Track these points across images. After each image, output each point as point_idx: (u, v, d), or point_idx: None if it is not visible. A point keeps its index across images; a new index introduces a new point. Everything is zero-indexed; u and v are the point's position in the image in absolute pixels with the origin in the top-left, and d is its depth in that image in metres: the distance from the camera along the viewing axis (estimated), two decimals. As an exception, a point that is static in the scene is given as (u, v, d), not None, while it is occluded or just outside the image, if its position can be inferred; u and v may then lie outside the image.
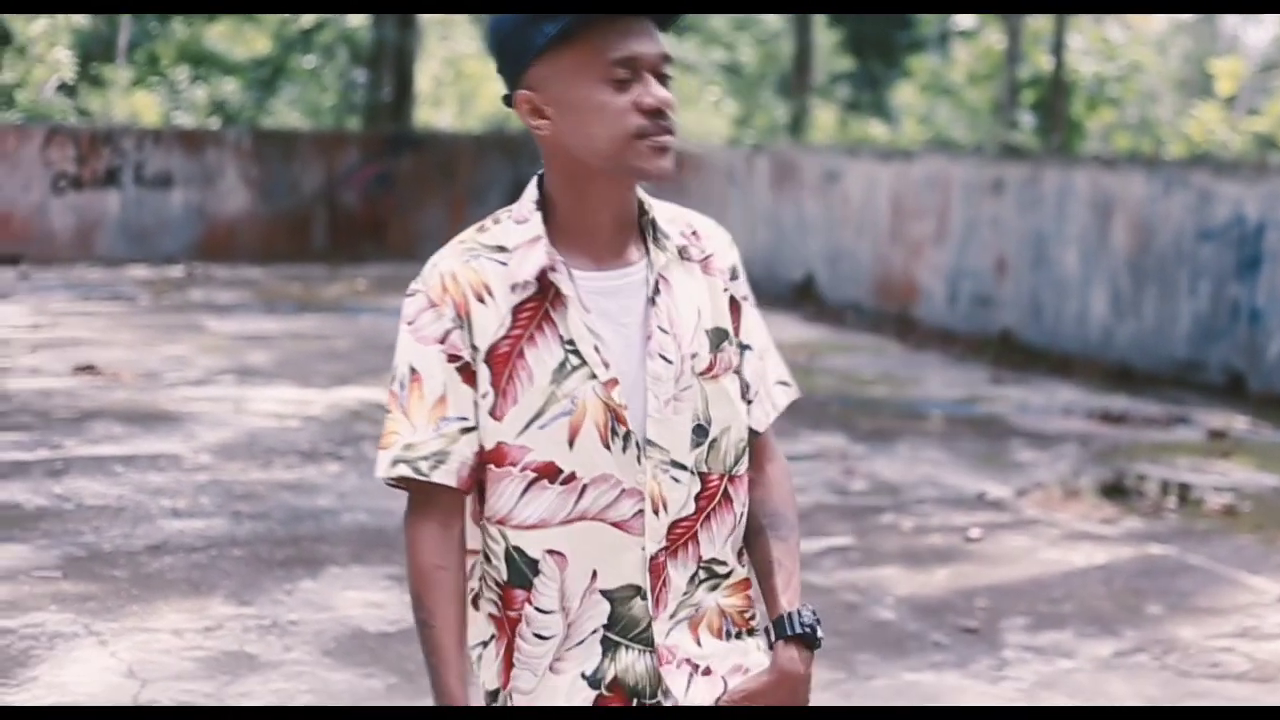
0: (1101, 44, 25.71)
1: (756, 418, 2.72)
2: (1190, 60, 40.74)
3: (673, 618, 2.61)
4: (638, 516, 2.56)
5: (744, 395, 2.70)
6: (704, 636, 2.64)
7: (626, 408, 2.54)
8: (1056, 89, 22.54)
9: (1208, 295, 13.31)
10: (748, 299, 2.73)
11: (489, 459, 2.58)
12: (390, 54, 26.20)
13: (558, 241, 2.59)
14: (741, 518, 2.70)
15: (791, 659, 2.62)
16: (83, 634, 6.35)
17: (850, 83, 33.20)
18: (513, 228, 2.60)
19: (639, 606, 2.58)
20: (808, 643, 2.63)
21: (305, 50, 29.11)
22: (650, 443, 2.56)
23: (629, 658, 2.59)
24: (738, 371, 2.68)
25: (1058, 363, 14.53)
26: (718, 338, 2.65)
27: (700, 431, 2.60)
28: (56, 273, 19.90)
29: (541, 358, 2.53)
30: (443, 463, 2.54)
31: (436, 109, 32.54)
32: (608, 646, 2.59)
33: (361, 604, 6.91)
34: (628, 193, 2.61)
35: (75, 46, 28.92)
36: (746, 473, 2.70)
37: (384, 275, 20.69)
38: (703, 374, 2.60)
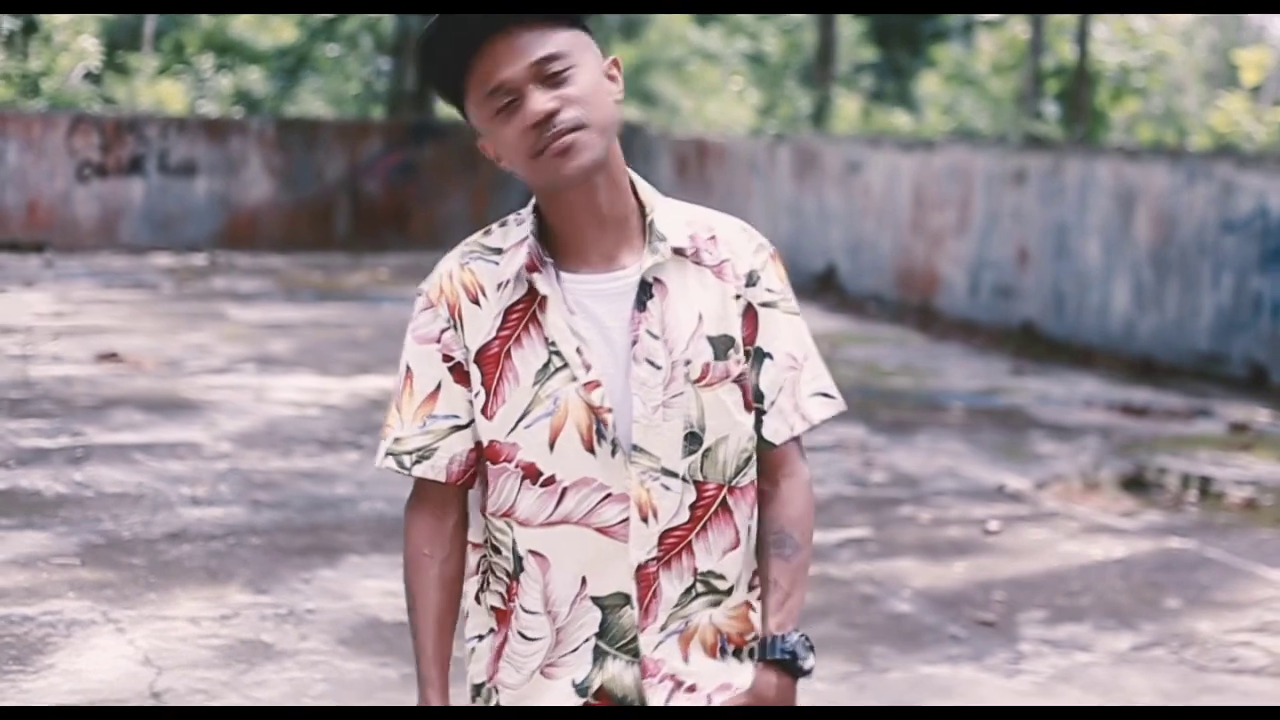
0: (1126, 34, 25.62)
1: (774, 430, 2.63)
2: (1216, 51, 40.60)
3: (663, 630, 2.58)
4: (624, 523, 2.54)
5: (757, 405, 2.62)
6: (694, 653, 2.60)
7: (610, 411, 2.53)
8: (1080, 79, 22.48)
9: (1230, 287, 13.26)
10: (775, 305, 2.64)
11: (487, 455, 2.61)
12: (414, 42, 26.21)
13: (553, 244, 2.60)
14: (748, 532, 2.64)
15: (769, 684, 2.58)
16: (100, 621, 6.37)
17: (874, 73, 33.12)
18: (513, 229, 2.62)
19: (628, 616, 2.57)
20: (789, 669, 2.57)
21: (329, 39, 29.14)
22: (637, 448, 2.54)
23: (616, 668, 2.58)
24: (738, 381, 2.60)
25: (1079, 354, 14.50)
26: (723, 345, 2.58)
27: (693, 439, 2.56)
28: (80, 260, 19.95)
29: (527, 358, 2.55)
30: (427, 458, 2.60)
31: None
32: (598, 655, 2.59)
33: (379, 593, 6.92)
34: (594, 198, 2.56)
35: (101, 35, 29.00)
36: (755, 485, 2.65)
37: (406, 264, 20.71)
38: (696, 381, 2.56)
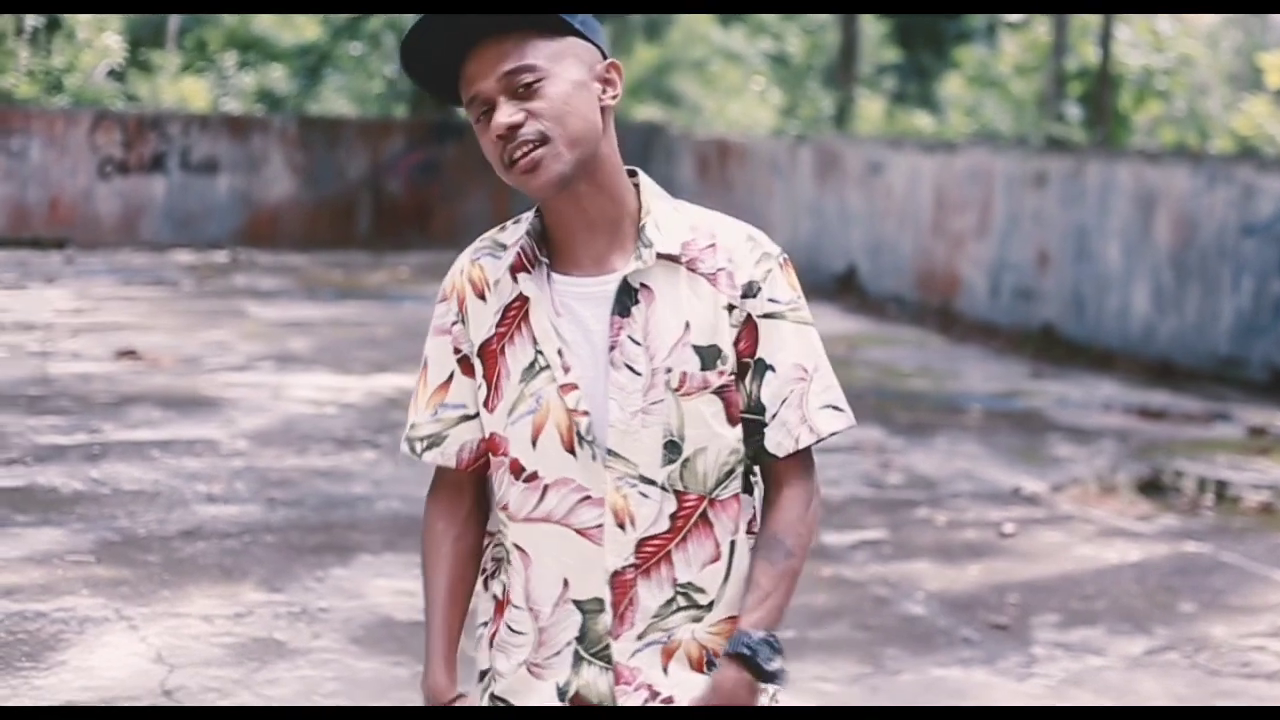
0: (1150, 36, 25.55)
1: (776, 442, 2.60)
2: (1241, 53, 40.48)
3: (640, 639, 2.57)
4: (601, 528, 2.55)
5: (757, 417, 2.60)
6: (676, 667, 2.59)
7: (586, 414, 2.54)
8: (1103, 82, 22.42)
9: (1250, 291, 13.22)
10: (781, 316, 2.60)
11: (489, 447, 2.65)
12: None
13: (550, 245, 2.62)
14: (730, 546, 2.61)
15: (725, 678, 2.54)
16: (113, 619, 6.39)
17: (897, 74, 33.08)
18: (519, 227, 2.65)
19: (603, 622, 2.57)
20: (749, 666, 2.52)
21: (352, 37, 29.17)
22: (613, 453, 2.54)
23: (591, 673, 2.58)
24: (719, 393, 2.57)
25: (1099, 357, 14.47)
26: (710, 355, 2.56)
27: (673, 448, 2.55)
28: (101, 257, 20.02)
29: (517, 356, 2.59)
30: (436, 445, 2.68)
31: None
32: (577, 660, 2.59)
33: (392, 592, 6.93)
34: (577, 205, 2.57)
35: (125, 32, 29.07)
36: (739, 498, 2.62)
37: (427, 263, 20.73)
38: (676, 390, 2.55)
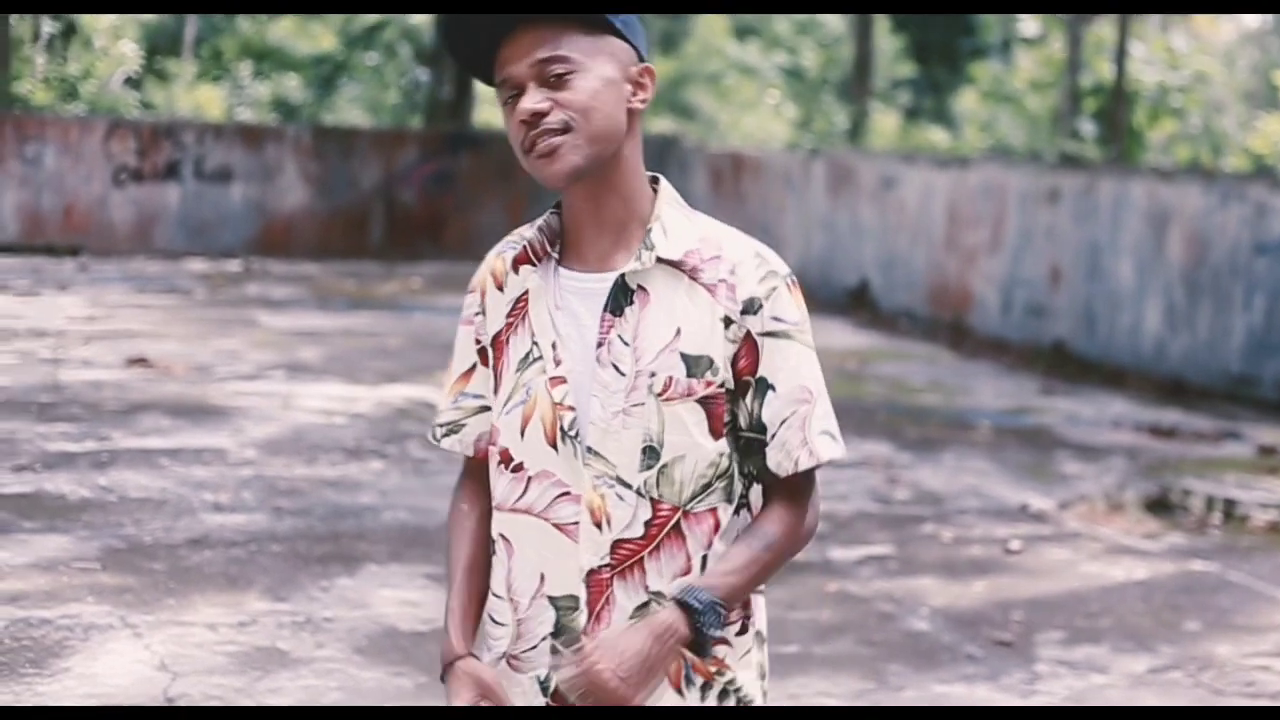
0: (1165, 53, 25.55)
1: (776, 462, 2.60)
2: (1258, 71, 40.46)
3: None
4: (577, 525, 2.57)
5: (758, 436, 2.59)
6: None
7: (571, 409, 2.57)
8: (1118, 98, 22.40)
9: (1262, 309, 13.20)
10: (786, 336, 2.59)
11: (492, 435, 2.70)
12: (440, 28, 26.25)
13: (564, 239, 2.66)
14: (702, 561, 2.59)
15: (660, 619, 2.49)
16: (118, 626, 6.40)
17: (912, 89, 33.09)
18: (539, 221, 2.71)
19: (578, 619, 2.59)
20: (690, 618, 2.49)
21: (368, 48, 29.25)
22: (593, 451, 2.56)
23: (568, 670, 2.58)
24: (704, 403, 2.56)
25: (1110, 375, 14.45)
26: (699, 364, 2.56)
27: (651, 453, 2.55)
28: (115, 265, 20.06)
29: (517, 346, 2.64)
30: (455, 433, 2.76)
31: (498, 108, 32.65)
32: (555, 655, 2.61)
33: (396, 602, 6.93)
34: (588, 201, 2.60)
35: (141, 40, 29.19)
36: (715, 512, 2.61)
37: (440, 274, 20.76)
38: (659, 395, 2.55)
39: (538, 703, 2.63)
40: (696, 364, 2.55)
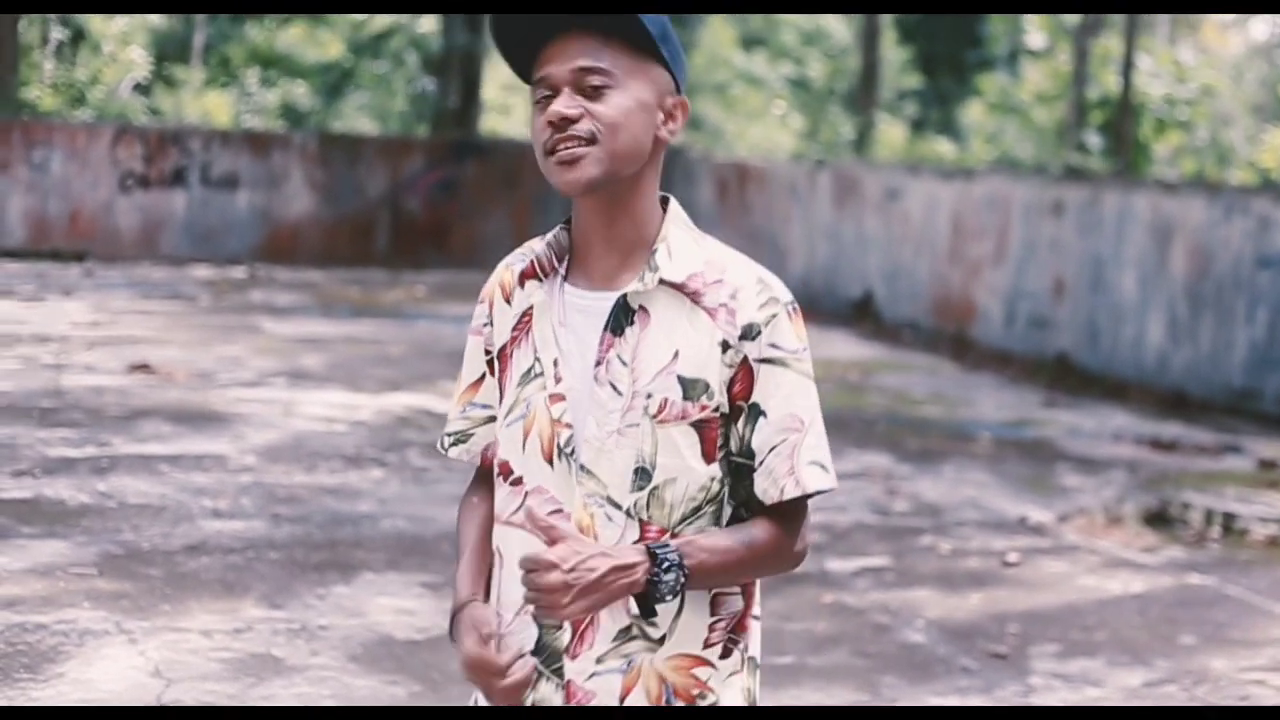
0: (1172, 66, 25.55)
1: (762, 489, 2.57)
2: (1265, 85, 40.46)
3: (599, 662, 2.56)
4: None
5: (746, 461, 2.57)
6: (635, 698, 2.56)
7: (569, 427, 2.57)
8: (1124, 111, 22.40)
9: (1265, 323, 13.20)
10: (782, 363, 2.57)
11: (496, 448, 2.72)
12: (458, 61, 26.31)
13: (572, 256, 2.66)
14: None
15: (621, 550, 2.47)
16: (113, 632, 6.41)
17: (918, 100, 33.10)
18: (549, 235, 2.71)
19: (561, 638, 2.58)
20: (652, 560, 2.46)
21: (375, 56, 29.28)
22: (585, 470, 2.55)
23: (547, 689, 2.59)
24: (697, 426, 2.55)
25: (1113, 387, 14.45)
26: (695, 388, 2.54)
27: (643, 475, 2.54)
28: (120, 270, 20.10)
29: (520, 361, 2.64)
30: (462, 442, 2.79)
31: (505, 117, 32.66)
32: (535, 672, 2.60)
33: (392, 611, 6.94)
34: (598, 217, 2.60)
35: (150, 46, 29.24)
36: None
37: (444, 282, 20.79)
38: (654, 416, 2.54)
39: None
40: (693, 387, 2.54)
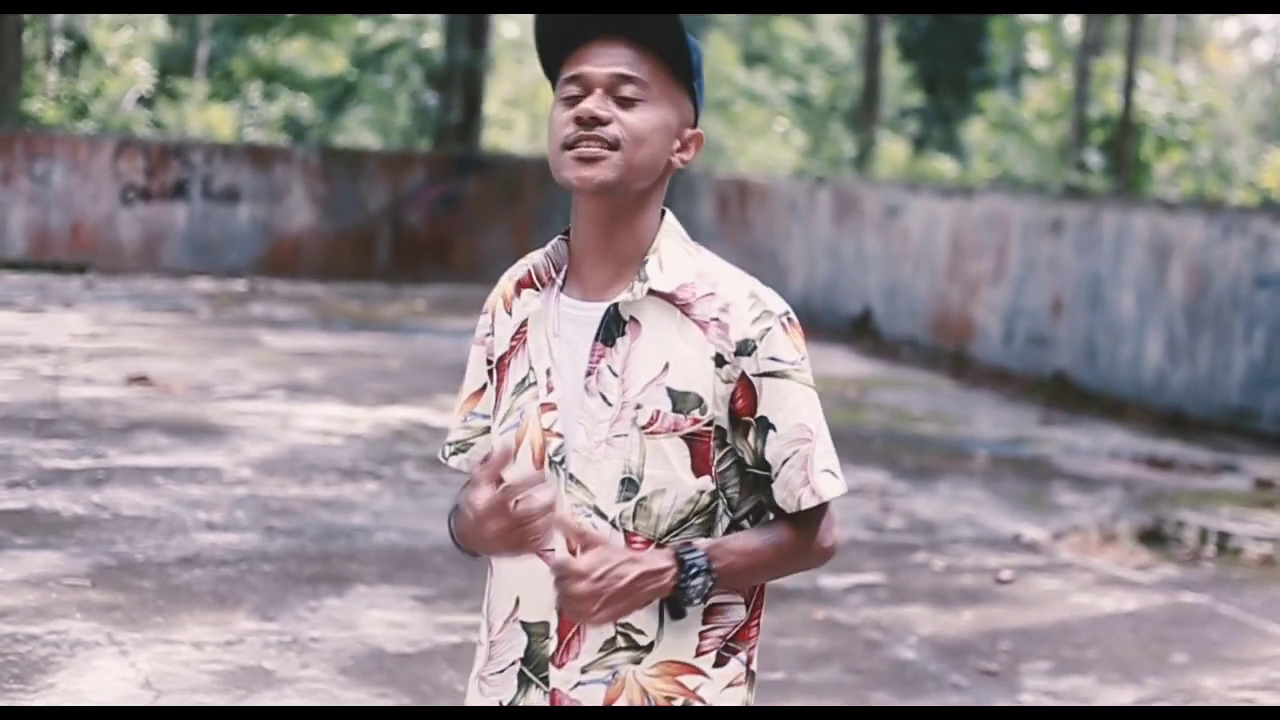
0: (1173, 86, 25.57)
1: (781, 499, 2.59)
2: (1269, 105, 40.50)
3: (584, 672, 2.58)
4: (554, 551, 2.56)
5: (764, 473, 2.59)
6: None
7: (560, 436, 2.58)
8: (1124, 130, 22.42)
9: (1263, 343, 13.20)
10: (785, 375, 2.58)
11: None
12: (460, 75, 26.34)
13: (570, 266, 2.67)
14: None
15: (655, 555, 2.49)
16: (104, 643, 6.41)
17: (920, 118, 33.13)
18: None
19: (548, 647, 2.59)
20: (680, 565, 2.48)
21: (378, 71, 29.33)
22: (574, 479, 2.57)
23: (535, 697, 2.60)
24: (689, 439, 2.55)
25: (1110, 406, 14.45)
26: (685, 400, 2.55)
27: (629, 485, 2.55)
28: (121, 283, 20.11)
29: (516, 370, 2.66)
30: (462, 451, 2.79)
31: (507, 132, 32.70)
32: (522, 681, 2.62)
33: (384, 624, 6.95)
34: (600, 228, 2.61)
35: (154, 59, 29.27)
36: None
37: (445, 296, 20.81)
38: (644, 428, 2.55)
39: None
40: (683, 400, 2.55)
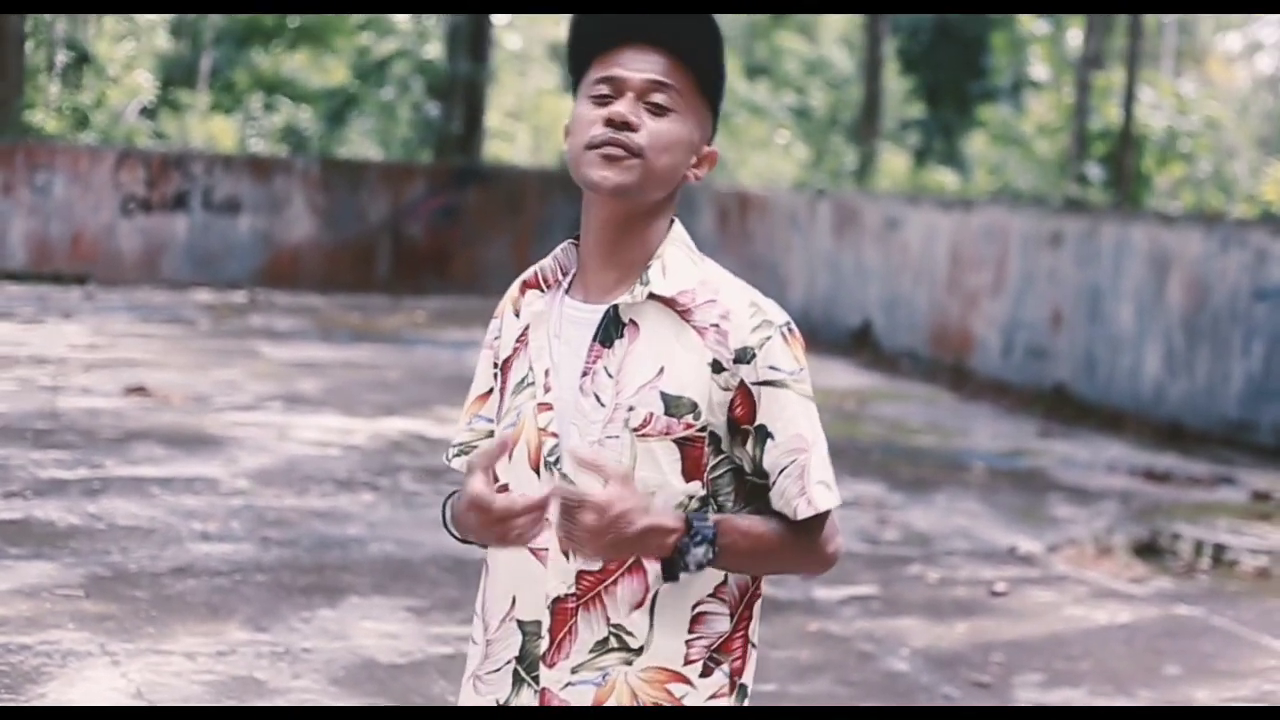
0: (1174, 99, 25.59)
1: (778, 507, 2.60)
2: (1271, 118, 40.54)
3: (575, 672, 2.59)
4: (548, 551, 2.58)
5: (762, 481, 2.60)
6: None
7: (555, 436, 2.60)
8: (1125, 143, 22.43)
9: (1261, 355, 13.20)
10: (783, 385, 2.59)
11: None
12: (461, 87, 26.36)
13: (577, 270, 2.70)
14: (656, 595, 2.58)
15: (667, 514, 2.50)
16: (97, 653, 6.42)
17: (921, 130, 33.16)
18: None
19: (540, 645, 2.61)
20: (686, 530, 2.49)
21: (380, 82, 29.36)
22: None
23: (528, 695, 2.62)
24: (680, 443, 2.56)
25: (1109, 418, 14.44)
26: (679, 405, 2.56)
27: None
28: (121, 294, 20.12)
29: (518, 369, 2.68)
30: (465, 453, 2.80)
31: (508, 143, 32.74)
32: (517, 680, 2.63)
33: (376, 634, 6.95)
34: (608, 234, 2.63)
35: (157, 71, 29.31)
36: None
37: (445, 308, 20.82)
38: (636, 430, 2.56)
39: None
40: (676, 404, 2.56)
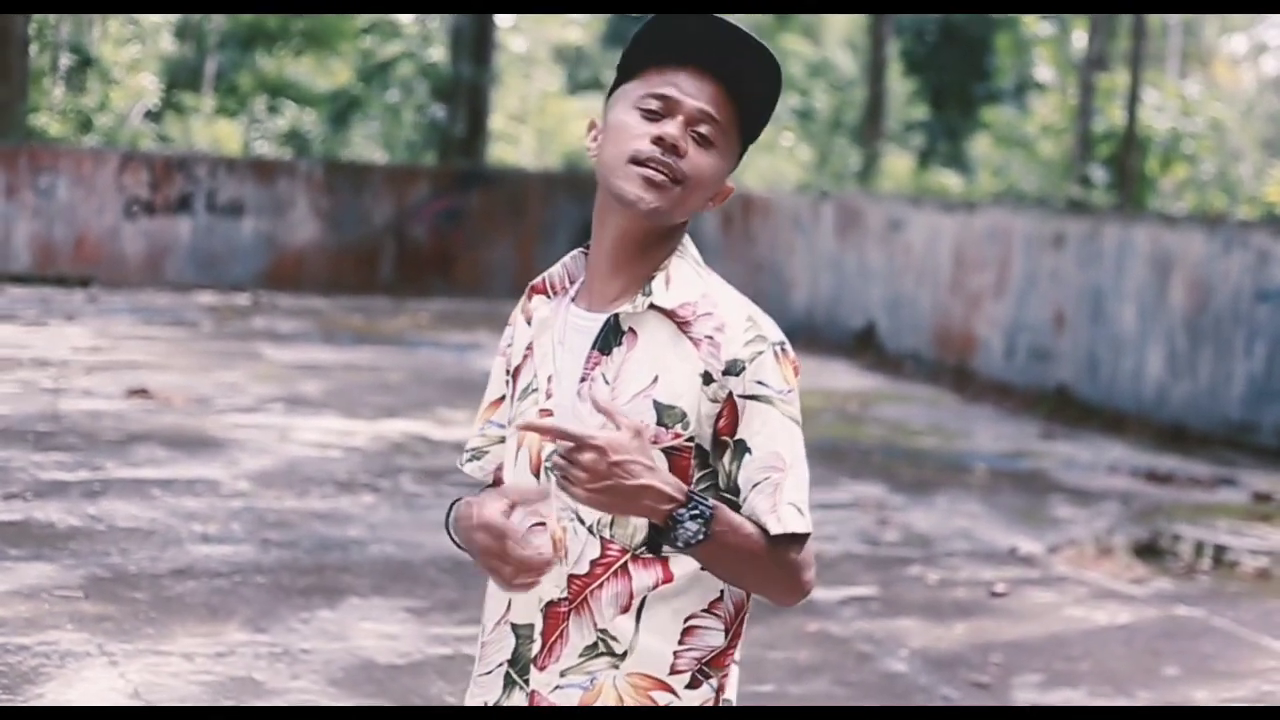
0: (1178, 100, 25.57)
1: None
2: (1275, 120, 40.50)
3: (563, 675, 2.59)
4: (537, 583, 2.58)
5: (732, 498, 2.58)
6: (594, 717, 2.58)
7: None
8: (1128, 144, 22.41)
9: (1263, 356, 13.20)
10: (768, 401, 2.58)
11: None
12: (465, 90, 26.36)
13: (585, 278, 2.71)
14: (642, 602, 2.57)
15: (671, 481, 2.49)
16: (95, 654, 6.42)
17: (925, 132, 33.15)
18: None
19: (532, 648, 2.61)
20: (686, 503, 2.47)
21: (384, 85, 29.37)
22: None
23: (518, 698, 2.63)
24: (669, 453, 2.56)
25: (1111, 420, 14.44)
26: (670, 414, 2.57)
27: None
28: (124, 296, 20.13)
29: (525, 376, 2.71)
30: (477, 459, 2.84)
31: (512, 146, 32.74)
32: (509, 682, 2.64)
33: (376, 635, 6.96)
34: (621, 246, 2.64)
35: (161, 74, 29.34)
36: (667, 562, 2.58)
37: (448, 310, 20.82)
38: None
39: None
40: (667, 413, 2.57)
